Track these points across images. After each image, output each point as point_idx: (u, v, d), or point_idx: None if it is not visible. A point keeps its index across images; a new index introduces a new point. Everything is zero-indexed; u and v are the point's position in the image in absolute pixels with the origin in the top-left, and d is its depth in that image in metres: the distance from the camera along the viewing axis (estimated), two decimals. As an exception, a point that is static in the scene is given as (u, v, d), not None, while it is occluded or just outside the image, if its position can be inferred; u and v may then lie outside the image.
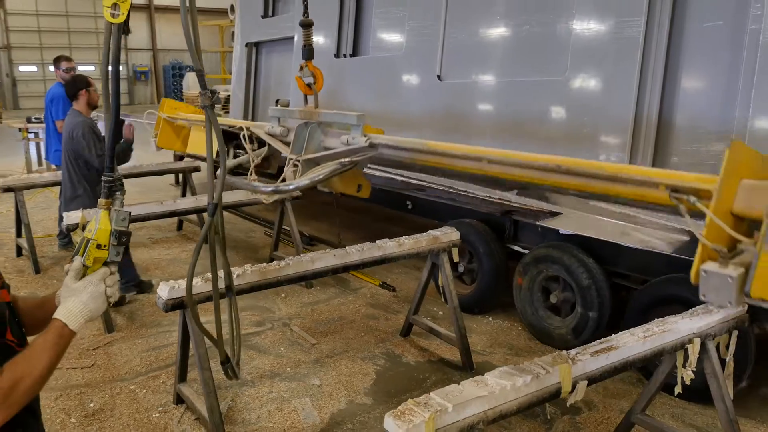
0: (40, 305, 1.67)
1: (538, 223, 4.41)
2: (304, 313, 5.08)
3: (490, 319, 4.96)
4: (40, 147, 10.69)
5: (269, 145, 3.04)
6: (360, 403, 3.74)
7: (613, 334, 2.67)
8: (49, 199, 8.76)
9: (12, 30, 27.64)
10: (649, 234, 3.94)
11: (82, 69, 26.49)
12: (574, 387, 2.37)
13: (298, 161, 2.76)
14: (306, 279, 3.73)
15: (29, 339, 1.58)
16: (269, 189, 2.57)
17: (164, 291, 3.14)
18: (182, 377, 3.63)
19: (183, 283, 3.03)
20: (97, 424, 3.50)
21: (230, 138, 3.71)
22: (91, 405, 3.69)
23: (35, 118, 10.75)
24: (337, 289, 5.60)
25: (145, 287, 5.37)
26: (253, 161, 3.15)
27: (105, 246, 1.60)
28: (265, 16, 9.04)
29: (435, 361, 4.28)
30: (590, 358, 2.43)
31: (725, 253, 1.25)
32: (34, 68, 28.44)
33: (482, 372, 2.40)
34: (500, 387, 2.19)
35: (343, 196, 6.43)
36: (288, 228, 6.00)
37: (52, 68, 7.46)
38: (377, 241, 3.98)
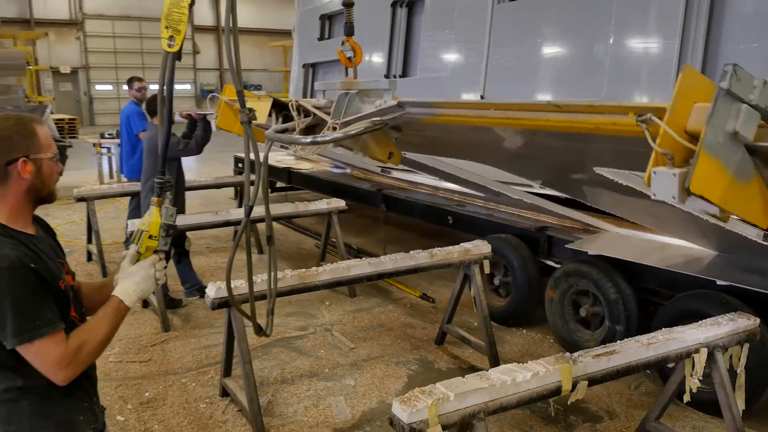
0: (100, 288, 2.01)
1: (567, 246, 4.59)
2: (346, 320, 5.36)
3: (524, 331, 5.12)
4: (112, 161, 11.44)
5: (314, 115, 3.39)
6: (390, 403, 3.97)
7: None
8: (118, 210, 9.40)
9: (90, 51, 29.39)
10: (671, 253, 4.07)
11: (153, 88, 27.58)
12: (574, 386, 2.55)
13: (337, 124, 3.08)
14: (341, 284, 4.03)
15: (88, 318, 1.91)
16: (308, 140, 2.86)
17: (212, 291, 3.48)
18: (227, 372, 3.96)
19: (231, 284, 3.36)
20: (151, 411, 3.86)
21: (281, 108, 4.05)
22: (146, 394, 4.06)
23: (108, 134, 11.53)
24: (378, 299, 5.87)
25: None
26: (299, 126, 3.50)
27: (155, 236, 1.95)
28: (321, 38, 9.50)
29: (465, 368, 4.47)
30: (592, 360, 2.61)
31: (672, 156, 1.44)
32: (109, 87, 30.11)
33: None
34: (501, 381, 2.40)
35: (387, 209, 6.74)
36: (335, 240, 6.32)
37: (125, 87, 8.07)
38: (411, 252, 4.24)
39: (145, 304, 5.45)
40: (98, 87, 30.01)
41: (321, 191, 8.07)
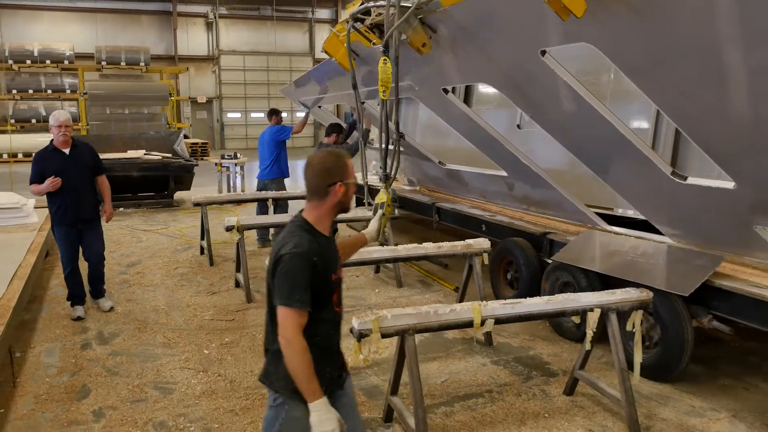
0: (354, 243, 3.02)
1: (551, 258, 5.74)
2: (388, 303, 6.67)
3: (529, 317, 6.20)
4: (229, 177, 13.50)
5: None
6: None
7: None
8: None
9: (224, 83, 32.84)
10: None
11: (299, 115, 30.02)
12: (484, 322, 3.74)
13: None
14: (365, 264, 5.41)
15: None
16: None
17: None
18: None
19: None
20: (227, 349, 5.38)
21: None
22: (226, 339, 5.59)
23: (227, 155, 13.61)
24: (420, 289, 7.14)
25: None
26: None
27: (389, 205, 3.48)
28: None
29: (468, 339, 5.64)
30: (499, 306, 3.79)
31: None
32: (238, 115, 33.46)
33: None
34: (427, 311, 3.65)
35: (439, 219, 8.00)
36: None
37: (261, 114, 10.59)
38: (423, 243, 5.52)
39: (237, 284, 7.06)
40: (229, 115, 33.41)
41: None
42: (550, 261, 5.97)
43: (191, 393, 4.54)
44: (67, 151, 5.87)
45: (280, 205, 9.18)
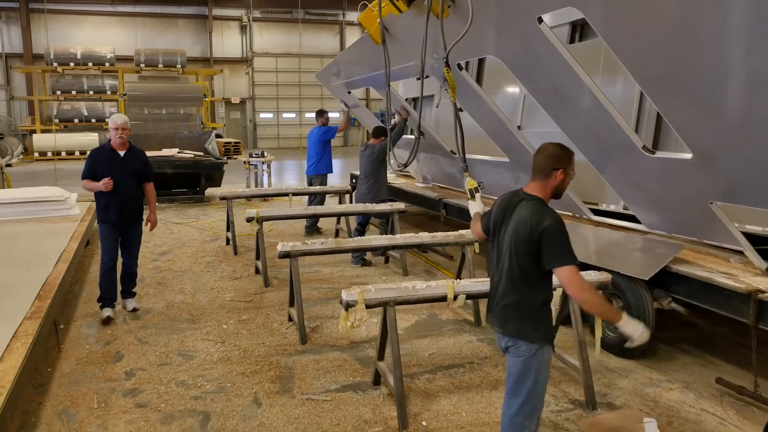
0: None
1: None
2: (393, 289, 7.27)
3: (520, 303, 6.74)
4: (257, 175, 14.27)
5: None
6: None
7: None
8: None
9: (257, 84, 33.83)
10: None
11: (309, 116, 31.29)
12: (456, 297, 4.32)
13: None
14: (365, 251, 6.02)
15: None
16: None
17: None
18: (291, 303, 6.04)
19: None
20: (243, 324, 6.06)
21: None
22: (243, 317, 6.27)
23: (255, 154, 14.38)
24: (424, 278, 7.73)
25: (367, 263, 8.17)
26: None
27: (475, 191, 4.12)
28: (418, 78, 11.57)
29: (460, 320, 6.22)
30: (470, 283, 4.37)
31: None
32: (270, 115, 34.45)
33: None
34: (405, 287, 4.25)
35: (446, 215, 8.58)
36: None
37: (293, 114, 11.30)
38: (419, 233, 6.12)
39: (257, 270, 7.75)
40: (262, 115, 34.41)
41: (406, 201, 10.07)
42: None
43: (209, 359, 5.22)
44: (122, 153, 6.07)
45: (317, 198, 10.20)
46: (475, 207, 4.00)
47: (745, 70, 3.65)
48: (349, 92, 11.21)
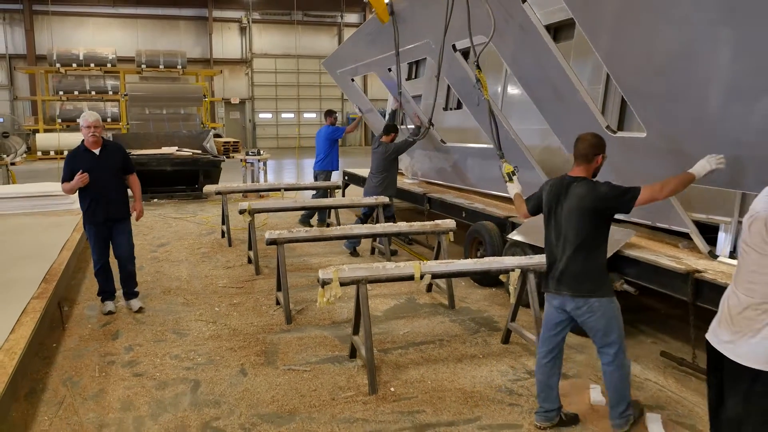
0: None
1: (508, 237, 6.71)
2: (376, 278, 7.73)
3: (493, 289, 7.20)
4: (253, 173, 14.75)
5: None
6: (379, 315, 6.30)
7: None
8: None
9: (256, 85, 34.32)
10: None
11: (307, 116, 31.94)
12: (423, 276, 4.77)
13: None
14: (347, 238, 6.50)
15: None
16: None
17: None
18: (278, 287, 6.50)
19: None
20: (233, 307, 6.52)
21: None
22: (234, 301, 6.74)
23: (251, 152, 14.86)
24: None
25: (355, 253, 8.61)
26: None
27: (512, 174, 4.69)
28: (408, 78, 12.06)
29: (436, 304, 6.68)
30: (435, 264, 4.83)
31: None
32: (269, 115, 34.95)
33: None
34: (377, 267, 4.71)
35: (430, 208, 9.04)
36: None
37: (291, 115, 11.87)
38: (398, 222, 6.58)
39: (249, 260, 8.21)
40: (261, 115, 34.91)
41: (395, 196, 10.53)
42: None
43: (201, 337, 5.68)
44: (97, 151, 5.95)
45: (319, 192, 10.89)
46: (514, 188, 4.73)
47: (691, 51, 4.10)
48: (352, 80, 11.51)
